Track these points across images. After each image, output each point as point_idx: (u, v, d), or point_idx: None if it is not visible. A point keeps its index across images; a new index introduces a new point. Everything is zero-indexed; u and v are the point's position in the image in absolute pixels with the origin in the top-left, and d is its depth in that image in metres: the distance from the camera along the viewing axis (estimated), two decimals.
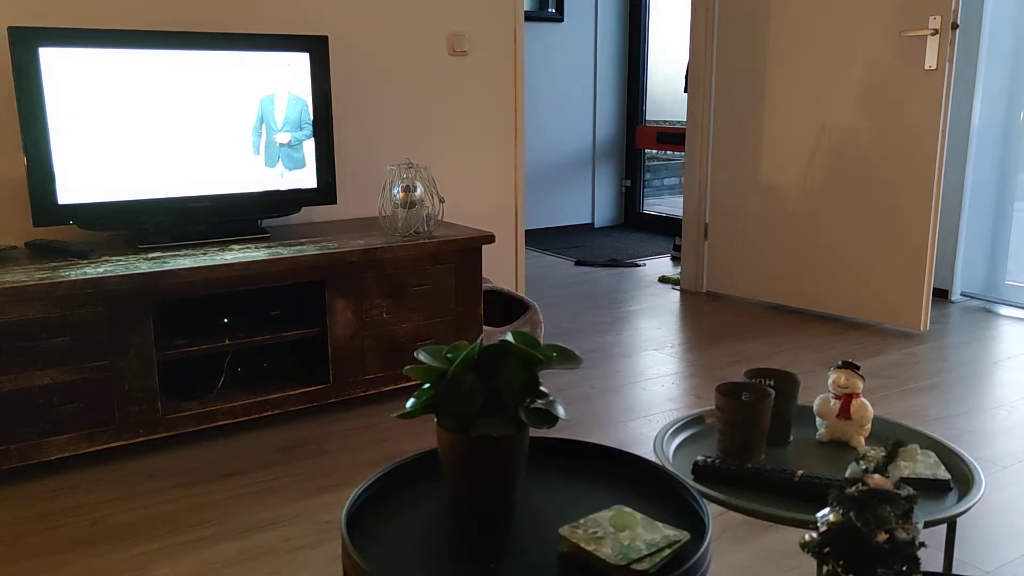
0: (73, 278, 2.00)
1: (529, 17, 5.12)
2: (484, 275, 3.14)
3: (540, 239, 5.23)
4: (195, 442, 2.27)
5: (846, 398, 1.45)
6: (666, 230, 5.46)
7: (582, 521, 1.05)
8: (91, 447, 2.09)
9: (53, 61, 2.17)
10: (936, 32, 2.98)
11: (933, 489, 1.31)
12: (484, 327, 2.69)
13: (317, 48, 2.52)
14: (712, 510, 1.59)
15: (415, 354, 1.12)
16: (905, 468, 1.31)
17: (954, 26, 2.95)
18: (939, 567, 1.56)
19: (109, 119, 2.27)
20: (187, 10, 2.54)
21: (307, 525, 1.85)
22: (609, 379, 2.77)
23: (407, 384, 2.55)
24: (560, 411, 1.10)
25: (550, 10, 5.30)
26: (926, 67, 3.03)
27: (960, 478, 1.34)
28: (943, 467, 1.35)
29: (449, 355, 1.11)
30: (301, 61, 2.50)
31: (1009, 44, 3.58)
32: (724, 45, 3.63)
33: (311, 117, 2.54)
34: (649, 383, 2.74)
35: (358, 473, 2.10)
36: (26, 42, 2.13)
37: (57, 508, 1.92)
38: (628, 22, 5.61)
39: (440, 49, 3.03)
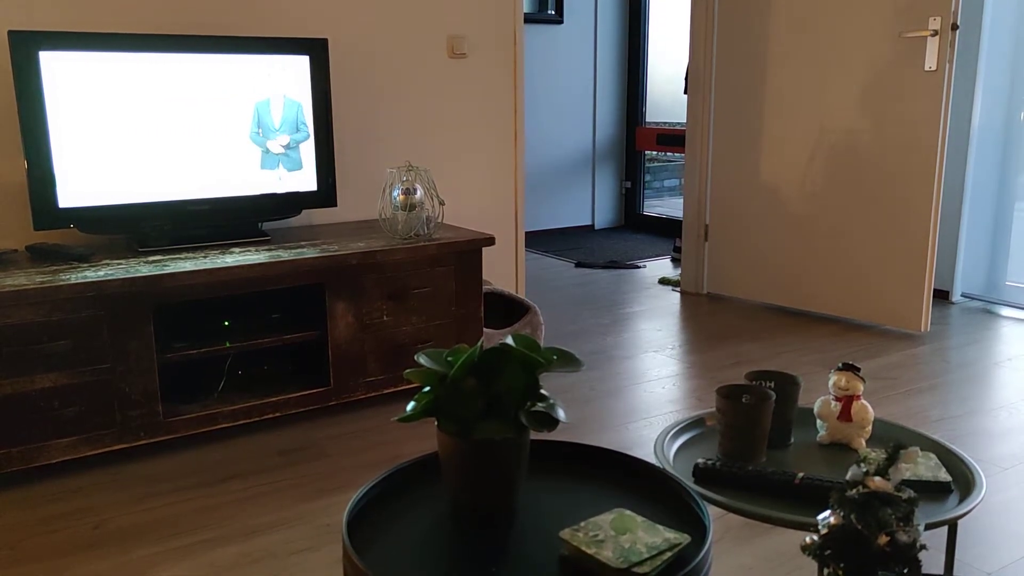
0: (74, 282, 2.00)
1: (529, 19, 5.13)
2: (484, 277, 3.14)
3: (540, 241, 5.23)
4: (196, 445, 2.27)
5: (847, 400, 1.45)
6: (666, 232, 5.46)
7: (583, 524, 1.05)
8: (92, 450, 2.09)
9: (53, 65, 2.17)
10: (936, 33, 2.98)
11: (934, 491, 1.31)
12: (484, 329, 2.69)
13: (317, 51, 2.52)
14: (713, 512, 1.58)
15: (415, 357, 1.12)
16: (906, 470, 1.31)
17: (954, 27, 2.95)
18: (940, 569, 1.56)
19: (109, 122, 2.27)
20: (188, 13, 2.54)
21: (308, 528, 1.85)
22: (609, 381, 2.77)
23: (408, 387, 2.55)
24: (560, 414, 1.10)
25: (549, 12, 5.30)
26: (926, 68, 3.03)
27: (961, 480, 1.34)
28: (944, 469, 1.35)
29: (450, 358, 1.11)
30: (301, 64, 2.50)
31: (1009, 45, 3.58)
32: (724, 46, 3.63)
33: (310, 119, 2.55)
34: (650, 385, 2.73)
35: (359, 476, 2.10)
36: (26, 46, 2.14)
37: (58, 512, 1.92)
38: (628, 23, 5.61)
39: (440, 51, 3.03)
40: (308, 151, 2.56)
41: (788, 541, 1.78)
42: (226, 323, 2.38)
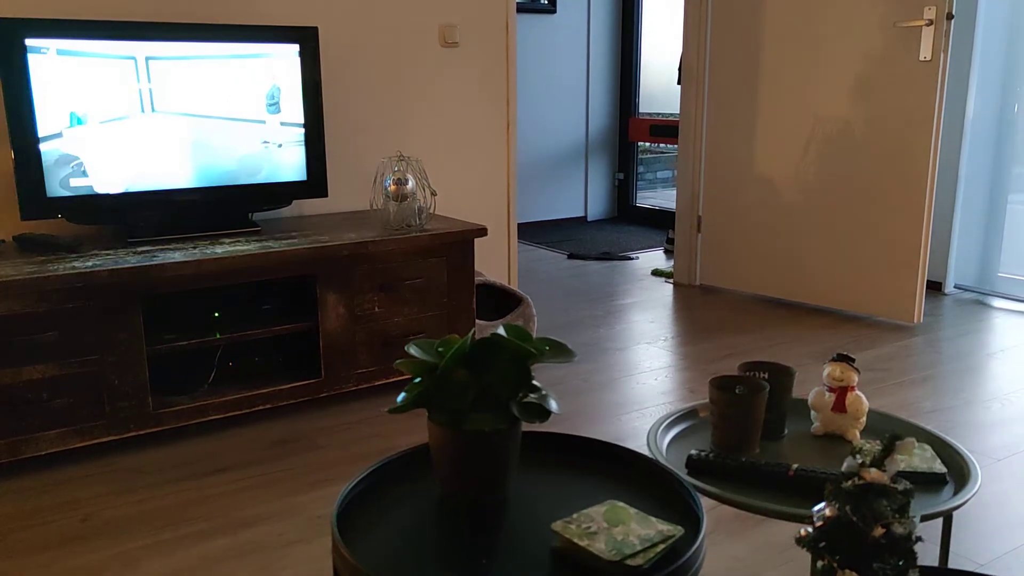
0: (62, 272, 1.98)
1: (521, 8, 5.10)
2: (476, 268, 3.13)
3: (533, 232, 5.21)
4: (186, 437, 2.25)
5: (841, 391, 1.44)
6: (659, 223, 5.45)
7: (575, 516, 1.04)
8: (81, 442, 2.07)
9: (39, 52, 2.14)
10: (931, 23, 2.97)
11: (929, 483, 1.30)
12: (476, 321, 2.68)
13: (307, 39, 2.50)
14: (706, 504, 1.57)
15: (406, 348, 1.11)
16: (901, 461, 1.30)
17: (949, 16, 2.94)
18: (935, 561, 1.56)
19: (97, 111, 2.24)
20: (180, 2, 2.51)
21: (298, 520, 1.84)
22: (602, 373, 2.76)
23: (399, 378, 2.54)
24: (553, 405, 1.09)
25: (543, 1, 5.28)
26: (921, 58, 3.02)
27: (956, 471, 1.34)
28: (939, 460, 1.35)
29: (440, 349, 1.10)
30: (291, 52, 2.48)
31: (1004, 35, 3.58)
32: (717, 37, 3.62)
33: (299, 108, 2.52)
34: (642, 377, 2.73)
35: (350, 468, 2.09)
36: (12, 33, 2.11)
37: (47, 504, 1.91)
38: (621, 14, 5.59)
39: (431, 40, 3.01)
40: (294, 141, 2.54)
41: (781, 533, 1.78)
42: (216, 314, 2.36)
